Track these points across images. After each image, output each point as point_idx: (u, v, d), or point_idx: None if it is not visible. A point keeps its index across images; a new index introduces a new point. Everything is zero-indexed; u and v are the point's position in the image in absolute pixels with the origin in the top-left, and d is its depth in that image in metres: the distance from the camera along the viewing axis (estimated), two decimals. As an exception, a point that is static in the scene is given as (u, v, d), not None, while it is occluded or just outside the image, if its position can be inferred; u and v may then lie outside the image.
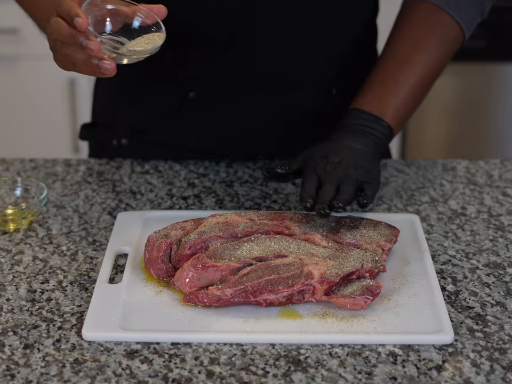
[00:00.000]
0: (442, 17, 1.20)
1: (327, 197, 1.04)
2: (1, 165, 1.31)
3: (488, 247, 1.09)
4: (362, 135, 1.13)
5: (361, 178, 1.07)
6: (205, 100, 1.28)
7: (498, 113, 2.55)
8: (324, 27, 1.23)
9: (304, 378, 0.85)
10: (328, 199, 1.03)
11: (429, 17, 1.20)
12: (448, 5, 1.19)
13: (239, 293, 0.92)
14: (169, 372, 0.86)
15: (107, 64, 0.91)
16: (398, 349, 0.89)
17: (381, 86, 1.17)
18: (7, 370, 0.86)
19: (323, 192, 1.05)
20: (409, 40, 1.20)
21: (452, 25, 1.20)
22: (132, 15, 0.96)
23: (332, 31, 1.24)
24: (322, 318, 0.92)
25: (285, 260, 0.96)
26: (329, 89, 1.30)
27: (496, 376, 0.85)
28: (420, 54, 1.18)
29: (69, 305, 0.96)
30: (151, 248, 1.00)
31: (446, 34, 1.20)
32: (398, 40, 1.21)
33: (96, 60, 0.91)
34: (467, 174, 1.29)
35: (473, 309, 0.96)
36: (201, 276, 0.94)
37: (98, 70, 0.92)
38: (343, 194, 1.04)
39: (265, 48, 1.22)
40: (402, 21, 1.23)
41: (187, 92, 1.27)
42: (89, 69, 0.93)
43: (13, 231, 1.12)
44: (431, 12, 1.20)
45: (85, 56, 0.91)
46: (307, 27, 1.22)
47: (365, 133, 1.14)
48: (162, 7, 0.96)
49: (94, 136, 1.42)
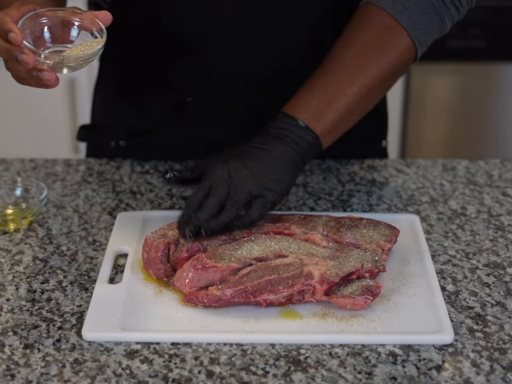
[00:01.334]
0: (396, 28, 1.10)
1: (201, 215, 0.98)
2: (1, 165, 1.31)
3: (488, 247, 1.09)
4: (282, 141, 1.06)
5: (257, 190, 1.01)
6: (202, 104, 1.28)
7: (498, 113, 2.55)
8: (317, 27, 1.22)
9: (304, 378, 0.85)
10: (202, 218, 0.98)
11: (382, 26, 1.11)
12: (402, 17, 1.10)
13: (239, 293, 0.92)
14: (169, 372, 0.86)
15: (47, 75, 0.92)
16: (398, 349, 0.89)
17: (311, 91, 1.08)
18: (7, 370, 0.86)
19: (202, 208, 1.00)
20: (353, 45, 1.11)
21: (401, 35, 1.11)
22: (72, 22, 0.96)
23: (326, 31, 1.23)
24: (322, 318, 0.92)
25: (285, 260, 0.96)
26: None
27: (496, 376, 0.85)
28: (360, 60, 1.09)
29: (69, 305, 0.96)
30: (149, 248, 1.00)
31: (395, 46, 1.11)
32: (342, 44, 1.12)
33: (36, 72, 0.92)
34: (467, 174, 1.29)
35: (473, 309, 0.96)
36: (201, 276, 0.94)
37: (40, 81, 0.92)
38: (222, 214, 0.99)
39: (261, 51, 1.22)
40: (354, 23, 1.14)
41: (184, 96, 1.28)
42: (34, 82, 0.93)
43: (13, 231, 1.12)
44: (386, 20, 1.11)
45: (26, 70, 0.92)
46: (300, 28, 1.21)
47: (286, 138, 1.06)
48: (108, 13, 0.96)
49: (92, 138, 1.42)
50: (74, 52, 0.93)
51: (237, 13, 1.18)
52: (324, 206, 1.19)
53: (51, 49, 0.96)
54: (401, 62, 1.12)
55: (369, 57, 1.10)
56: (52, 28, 0.96)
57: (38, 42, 0.95)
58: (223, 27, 1.20)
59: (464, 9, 1.15)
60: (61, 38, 0.96)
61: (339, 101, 1.08)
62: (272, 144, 1.05)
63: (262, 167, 1.03)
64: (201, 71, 1.25)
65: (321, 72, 1.11)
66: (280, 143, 1.05)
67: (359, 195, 1.23)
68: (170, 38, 1.22)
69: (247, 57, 1.23)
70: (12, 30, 0.90)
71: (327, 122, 1.07)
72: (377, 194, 1.23)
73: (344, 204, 1.20)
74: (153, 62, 1.27)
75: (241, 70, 1.24)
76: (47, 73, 0.92)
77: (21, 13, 0.93)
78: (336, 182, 1.26)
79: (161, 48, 1.25)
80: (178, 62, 1.25)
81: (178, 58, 1.24)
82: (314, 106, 1.07)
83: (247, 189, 1.01)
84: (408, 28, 1.10)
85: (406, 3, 1.10)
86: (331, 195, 1.22)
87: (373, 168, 1.31)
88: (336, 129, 1.09)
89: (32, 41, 0.93)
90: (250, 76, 1.25)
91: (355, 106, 1.09)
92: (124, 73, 1.32)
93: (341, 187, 1.25)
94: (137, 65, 1.29)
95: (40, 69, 0.92)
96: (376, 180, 1.28)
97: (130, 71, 1.31)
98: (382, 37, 1.11)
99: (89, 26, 0.96)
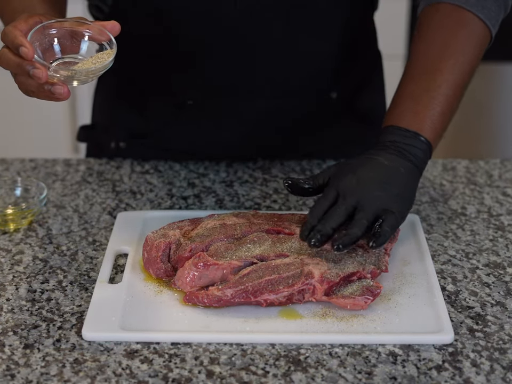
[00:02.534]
0: (465, 16, 1.13)
1: (327, 225, 0.96)
2: (1, 165, 1.31)
3: (488, 247, 1.09)
4: (400, 153, 1.05)
5: (385, 205, 0.99)
6: (202, 106, 1.28)
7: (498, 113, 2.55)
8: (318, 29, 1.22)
9: (304, 378, 0.85)
10: (328, 227, 0.95)
11: (451, 19, 1.13)
12: (468, 3, 1.12)
13: (240, 293, 0.92)
14: (169, 372, 0.86)
15: (59, 89, 0.91)
16: (398, 349, 0.89)
17: (413, 99, 1.09)
18: (7, 370, 0.86)
19: (327, 216, 0.97)
20: (434, 47, 1.12)
21: (476, 23, 1.13)
22: (82, 34, 0.96)
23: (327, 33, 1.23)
24: (322, 318, 0.92)
25: (285, 260, 0.96)
26: (327, 92, 1.29)
27: (496, 376, 0.85)
28: (448, 60, 1.11)
29: (69, 305, 0.96)
30: (150, 248, 1.00)
31: (472, 35, 1.13)
32: (423, 48, 1.14)
33: (48, 85, 0.91)
34: (467, 174, 1.29)
35: (473, 309, 0.96)
36: (203, 275, 0.94)
37: (53, 95, 0.92)
38: (353, 227, 0.96)
39: (261, 54, 1.22)
40: (423, 27, 1.15)
41: (185, 99, 1.28)
42: (45, 95, 0.93)
43: (13, 231, 1.12)
44: (452, 13, 1.13)
45: (37, 83, 0.91)
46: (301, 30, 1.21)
47: (402, 151, 1.05)
48: (116, 23, 0.95)
49: (92, 138, 1.42)
50: (86, 65, 0.93)
51: (238, 17, 1.18)
52: (324, 206, 1.19)
53: (60, 61, 0.95)
54: (482, 50, 1.16)
55: (458, 56, 1.12)
56: (60, 39, 0.95)
57: (47, 54, 0.94)
58: (224, 31, 1.20)
59: None
60: (69, 49, 0.96)
61: (442, 105, 1.09)
62: (392, 159, 1.04)
63: (389, 181, 1.02)
64: (202, 75, 1.25)
65: (417, 78, 1.12)
66: (400, 156, 1.04)
67: (359, 195, 1.22)
68: (171, 42, 1.22)
69: (248, 61, 1.23)
70: (23, 44, 0.89)
71: (435, 128, 1.08)
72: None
73: (344, 203, 1.20)
74: (154, 65, 1.27)
75: (242, 74, 1.24)
76: (59, 87, 0.91)
77: (28, 26, 0.92)
78: (336, 182, 1.26)
79: (162, 52, 1.25)
80: (179, 66, 1.25)
81: (179, 62, 1.24)
82: (422, 115, 1.08)
83: (378, 201, 0.98)
84: (483, 17, 1.13)
85: None
86: (331, 195, 1.22)
87: (373, 168, 1.31)
88: (443, 132, 1.11)
89: (42, 53, 0.93)
90: (251, 80, 1.25)
91: (454, 104, 1.12)
92: (125, 75, 1.32)
93: (341, 187, 1.25)
94: (138, 68, 1.29)
95: (52, 83, 0.91)
96: (376, 179, 1.27)
97: (131, 73, 1.31)
98: (463, 33, 1.13)
99: (98, 37, 0.95)
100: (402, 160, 1.04)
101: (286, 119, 1.29)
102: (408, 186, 1.03)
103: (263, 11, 1.18)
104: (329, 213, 0.97)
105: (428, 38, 1.14)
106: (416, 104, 1.08)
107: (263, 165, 1.32)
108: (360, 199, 0.98)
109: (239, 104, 1.27)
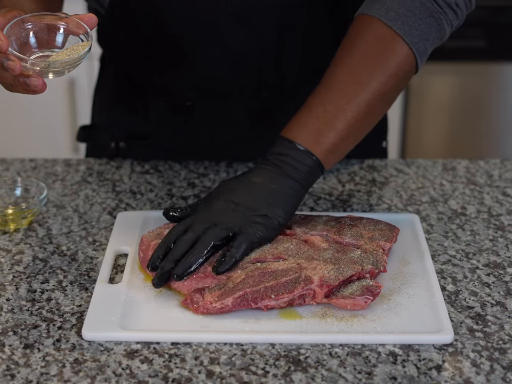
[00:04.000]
0: (392, 38, 1.05)
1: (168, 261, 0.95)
2: (1, 165, 1.31)
3: (488, 247, 1.09)
4: (279, 168, 1.02)
5: (239, 225, 0.97)
6: (201, 107, 1.28)
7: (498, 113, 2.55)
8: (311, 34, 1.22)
9: (304, 378, 0.85)
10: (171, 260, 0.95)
11: (378, 37, 1.05)
12: (398, 26, 1.04)
13: (239, 301, 0.92)
14: (169, 372, 0.86)
15: (34, 81, 0.91)
16: (398, 348, 0.89)
17: (315, 115, 1.04)
18: (7, 370, 0.86)
19: (171, 252, 0.96)
20: (353, 61, 1.05)
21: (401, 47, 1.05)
22: (58, 27, 0.96)
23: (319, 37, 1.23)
24: (322, 318, 0.92)
25: (282, 265, 0.95)
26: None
27: (496, 376, 0.85)
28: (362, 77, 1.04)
29: (69, 305, 0.96)
30: (146, 248, 1.00)
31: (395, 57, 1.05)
32: (341, 60, 1.07)
33: (23, 78, 0.91)
34: (467, 174, 1.29)
35: (473, 309, 0.96)
36: (200, 281, 0.95)
37: (28, 87, 0.92)
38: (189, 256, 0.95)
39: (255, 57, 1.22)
40: (350, 37, 1.08)
41: (184, 100, 1.28)
42: (23, 88, 0.93)
43: (13, 231, 1.12)
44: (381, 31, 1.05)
45: (13, 76, 0.92)
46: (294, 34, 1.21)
47: (283, 165, 1.02)
48: (93, 16, 0.95)
49: (91, 139, 1.42)
50: (60, 57, 0.93)
51: (231, 19, 1.18)
52: (323, 206, 1.19)
53: (38, 55, 0.95)
54: (401, 72, 1.06)
55: (367, 70, 1.04)
56: (38, 33, 0.96)
57: (24, 48, 0.95)
58: (217, 33, 1.20)
59: (462, 12, 1.10)
60: (47, 43, 0.96)
61: (338, 120, 1.03)
62: (270, 176, 1.02)
63: (253, 202, 1.00)
64: (198, 76, 1.25)
65: (319, 90, 1.06)
66: (279, 172, 1.02)
67: (359, 195, 1.23)
68: (166, 42, 1.23)
69: (242, 63, 1.23)
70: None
71: (327, 143, 1.03)
72: (377, 194, 1.23)
73: (344, 203, 1.20)
74: (150, 65, 1.27)
75: (237, 76, 1.24)
76: (34, 79, 0.92)
77: (6, 20, 0.93)
78: (336, 182, 1.26)
79: (158, 53, 1.25)
80: (175, 67, 1.25)
81: (175, 63, 1.25)
82: (312, 127, 1.03)
83: (226, 225, 0.97)
84: (403, 35, 1.04)
85: (398, 10, 1.05)
86: (331, 195, 1.22)
87: (373, 168, 1.31)
88: (338, 149, 1.05)
89: (18, 47, 0.93)
90: (246, 81, 1.25)
91: (355, 124, 1.04)
92: (124, 76, 1.32)
93: (341, 187, 1.25)
94: (136, 69, 1.30)
95: (27, 75, 0.92)
96: (376, 179, 1.28)
97: (129, 74, 1.31)
98: (378, 47, 1.05)
99: (75, 30, 0.95)
100: (283, 178, 1.01)
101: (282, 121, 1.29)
102: (278, 206, 1.00)
103: (254, 14, 1.18)
104: (174, 246, 0.97)
105: (346, 49, 1.07)
106: (311, 116, 1.04)
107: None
108: (209, 227, 0.97)
109: (236, 106, 1.27)
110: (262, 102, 1.27)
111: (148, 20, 1.21)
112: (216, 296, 0.92)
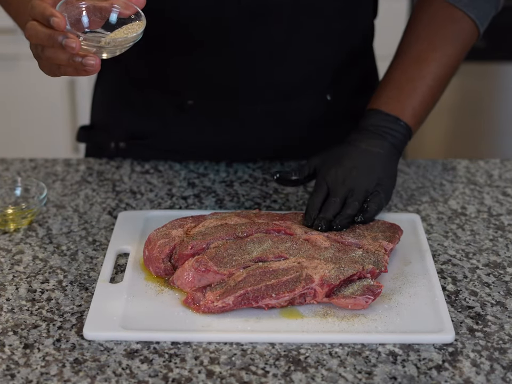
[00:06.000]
0: (455, 14, 1.19)
1: (328, 213, 1.05)
2: (1, 165, 1.31)
3: (488, 246, 1.09)
4: (380, 136, 1.13)
5: (371, 187, 1.08)
6: (202, 107, 1.27)
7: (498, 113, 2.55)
8: (320, 35, 1.22)
9: (304, 378, 0.85)
10: (329, 215, 1.05)
11: (442, 15, 1.19)
12: (461, 2, 1.18)
13: (241, 299, 0.92)
14: (169, 372, 0.86)
15: (91, 59, 0.89)
16: (398, 348, 0.89)
17: (397, 87, 1.17)
18: (7, 370, 0.86)
19: (326, 207, 1.06)
20: (423, 39, 1.19)
21: (465, 21, 1.19)
22: (110, 8, 0.94)
23: (328, 39, 1.23)
24: (323, 318, 0.92)
25: (283, 264, 0.95)
26: (326, 95, 1.29)
27: (496, 376, 0.85)
28: (435, 52, 1.18)
29: (69, 305, 0.96)
30: (152, 247, 1.00)
31: (460, 32, 1.19)
32: (412, 40, 1.21)
33: (79, 57, 0.89)
34: (467, 174, 1.29)
35: (473, 309, 0.96)
36: (202, 278, 0.95)
37: (83, 67, 0.89)
38: (347, 209, 1.05)
39: (262, 57, 1.22)
40: (415, 19, 1.22)
41: (185, 100, 1.27)
42: (74, 69, 0.91)
43: (13, 231, 1.12)
44: (443, 9, 1.19)
45: (67, 56, 0.89)
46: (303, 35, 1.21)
47: (383, 133, 1.14)
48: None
49: (91, 139, 1.41)
50: (118, 35, 0.91)
51: (240, 15, 1.17)
52: (324, 205, 1.19)
53: (89, 35, 0.93)
54: (468, 46, 1.21)
55: (444, 49, 1.18)
56: (90, 12, 0.93)
57: (76, 27, 0.92)
58: (225, 29, 1.19)
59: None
60: (95, 23, 0.94)
61: (425, 94, 1.17)
62: (373, 143, 1.13)
63: (372, 166, 1.10)
64: (201, 75, 1.24)
65: (403, 67, 1.19)
66: (380, 139, 1.13)
67: (359, 195, 1.22)
68: (171, 40, 1.22)
69: (249, 63, 1.22)
70: (54, 14, 0.87)
71: (415, 115, 1.16)
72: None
73: (344, 203, 1.20)
74: (153, 64, 1.27)
75: (242, 76, 1.23)
76: (91, 57, 0.89)
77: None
78: (336, 182, 1.26)
79: (161, 51, 1.24)
80: (178, 65, 1.24)
81: (179, 61, 1.24)
82: (404, 102, 1.16)
83: (364, 187, 1.07)
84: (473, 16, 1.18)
85: None
86: (331, 195, 1.22)
87: (373, 168, 1.31)
88: (421, 114, 1.18)
89: (70, 26, 0.90)
90: (251, 82, 1.24)
91: (436, 95, 1.19)
92: (125, 74, 1.32)
93: (341, 187, 1.25)
94: (138, 67, 1.29)
95: (83, 55, 0.89)
96: (376, 179, 1.27)
97: (131, 73, 1.31)
98: (452, 28, 1.19)
99: (125, 12, 0.93)
100: (382, 142, 1.13)
101: (285, 122, 1.29)
102: (389, 168, 1.12)
103: (265, 13, 1.18)
104: (326, 205, 1.06)
105: (417, 31, 1.21)
106: (400, 92, 1.17)
107: (263, 165, 1.32)
108: (349, 188, 1.07)
109: (239, 106, 1.27)
110: (266, 102, 1.27)
111: (152, 15, 1.20)
112: (217, 294, 0.92)
